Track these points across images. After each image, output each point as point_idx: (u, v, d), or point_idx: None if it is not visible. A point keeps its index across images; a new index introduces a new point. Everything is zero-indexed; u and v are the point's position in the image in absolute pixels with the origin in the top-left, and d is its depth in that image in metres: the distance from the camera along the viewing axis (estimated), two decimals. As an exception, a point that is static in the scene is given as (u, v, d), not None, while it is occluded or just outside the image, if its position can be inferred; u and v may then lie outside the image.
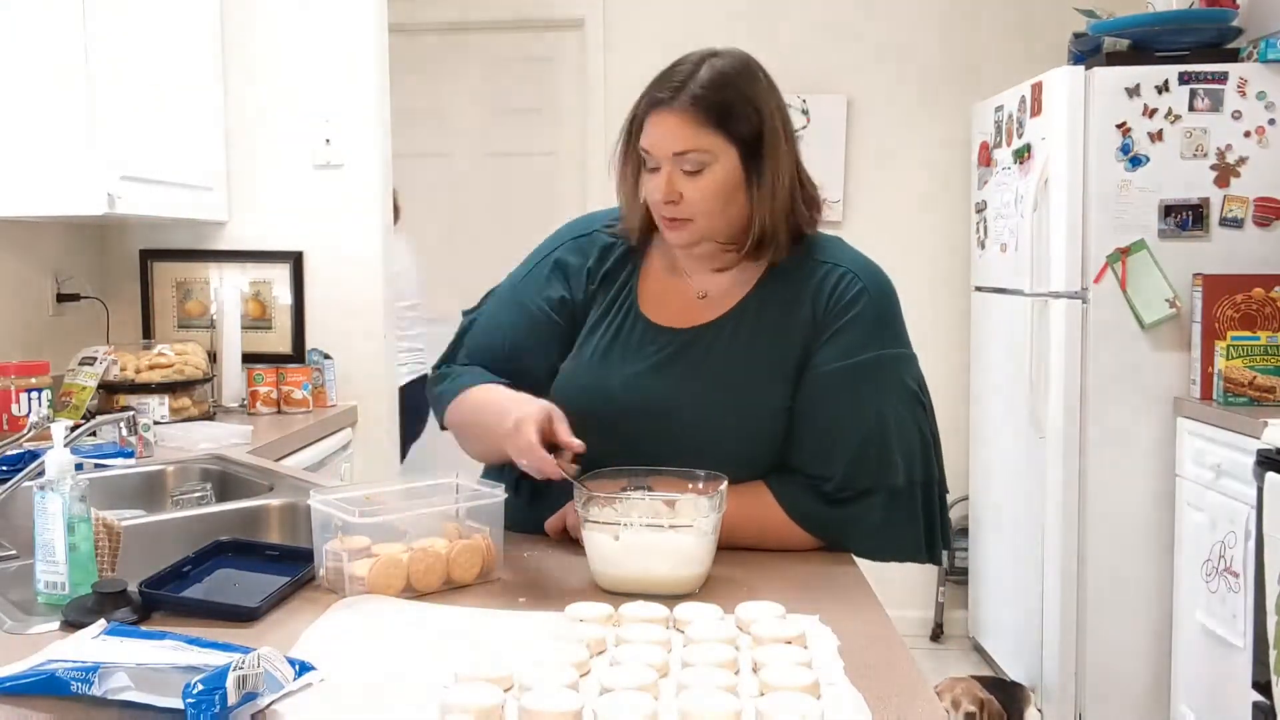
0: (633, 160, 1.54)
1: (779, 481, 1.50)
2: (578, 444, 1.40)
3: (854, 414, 1.48)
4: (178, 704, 0.93)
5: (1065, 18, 3.77)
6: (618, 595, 1.30)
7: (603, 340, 1.56)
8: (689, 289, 1.58)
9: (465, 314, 1.72)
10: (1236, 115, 3.14)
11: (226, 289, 3.16)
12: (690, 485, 1.40)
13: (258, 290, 3.24)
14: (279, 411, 2.99)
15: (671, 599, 1.28)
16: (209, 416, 2.85)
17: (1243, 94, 3.13)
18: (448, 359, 1.69)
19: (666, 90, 1.46)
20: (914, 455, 1.50)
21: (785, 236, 1.52)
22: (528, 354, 1.60)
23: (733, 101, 1.46)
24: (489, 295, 1.71)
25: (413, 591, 1.33)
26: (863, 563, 1.49)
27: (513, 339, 1.61)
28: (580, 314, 1.60)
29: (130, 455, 2.14)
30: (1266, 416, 2.68)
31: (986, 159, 3.90)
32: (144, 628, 1.19)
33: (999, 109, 3.76)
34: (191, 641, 1.10)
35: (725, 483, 1.37)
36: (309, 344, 3.21)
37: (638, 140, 1.51)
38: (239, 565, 1.41)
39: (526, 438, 1.39)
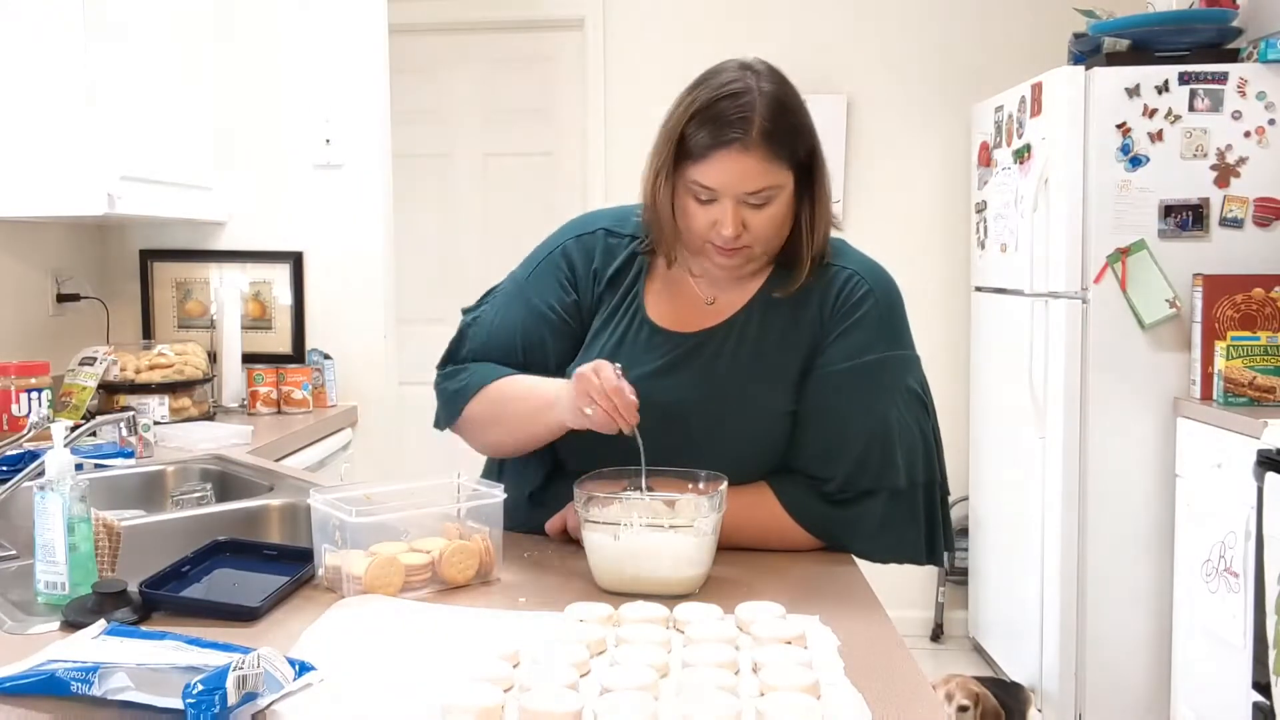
0: (670, 185, 1.47)
1: (781, 482, 1.50)
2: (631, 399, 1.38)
3: (858, 415, 1.48)
4: (178, 704, 0.93)
5: (1065, 18, 3.76)
6: (618, 595, 1.30)
7: (609, 343, 1.56)
8: (696, 294, 1.57)
9: (465, 312, 1.70)
10: (1236, 115, 3.14)
11: (226, 289, 3.16)
12: (690, 485, 1.40)
13: (258, 290, 3.24)
14: (279, 412, 2.99)
15: (671, 599, 1.28)
16: (209, 417, 2.85)
17: (1243, 94, 3.13)
18: (450, 358, 1.67)
19: (734, 128, 1.39)
20: (916, 457, 1.50)
21: (828, 246, 1.53)
22: (535, 352, 1.59)
23: (796, 130, 1.43)
24: (489, 294, 1.70)
25: (410, 591, 1.33)
26: (863, 563, 1.49)
27: (520, 337, 1.60)
28: (586, 314, 1.60)
29: (130, 455, 2.14)
30: (1266, 416, 2.68)
31: (986, 159, 3.89)
32: (144, 628, 1.19)
33: (999, 109, 3.75)
34: (191, 641, 1.10)
35: (725, 483, 1.37)
36: (309, 344, 3.21)
37: (678, 165, 1.44)
38: (237, 565, 1.41)
39: (610, 380, 1.37)
